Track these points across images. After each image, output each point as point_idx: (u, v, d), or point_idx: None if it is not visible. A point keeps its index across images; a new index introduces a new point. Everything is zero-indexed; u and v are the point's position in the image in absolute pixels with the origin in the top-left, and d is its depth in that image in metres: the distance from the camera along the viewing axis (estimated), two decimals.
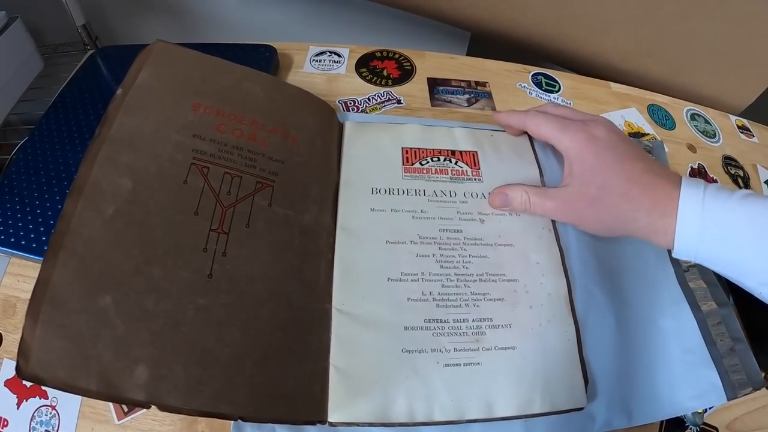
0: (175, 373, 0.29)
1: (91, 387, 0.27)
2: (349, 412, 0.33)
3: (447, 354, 0.36)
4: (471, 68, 0.61)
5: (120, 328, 0.29)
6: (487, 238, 0.41)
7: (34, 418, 0.38)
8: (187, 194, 0.34)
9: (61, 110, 0.53)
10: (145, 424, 0.37)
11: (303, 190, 0.38)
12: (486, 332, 0.37)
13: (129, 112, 0.34)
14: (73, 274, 0.29)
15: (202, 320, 0.31)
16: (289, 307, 0.34)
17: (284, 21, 0.91)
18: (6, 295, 0.44)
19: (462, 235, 0.41)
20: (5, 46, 0.59)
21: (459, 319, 0.37)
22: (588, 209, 0.38)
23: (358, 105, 0.53)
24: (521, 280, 0.39)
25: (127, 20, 0.90)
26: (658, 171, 0.37)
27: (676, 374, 0.39)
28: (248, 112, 0.38)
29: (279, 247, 0.35)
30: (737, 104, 0.68)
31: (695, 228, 0.34)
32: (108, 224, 0.31)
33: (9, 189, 0.47)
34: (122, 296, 0.30)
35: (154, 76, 0.36)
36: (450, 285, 0.38)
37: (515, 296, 0.39)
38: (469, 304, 0.38)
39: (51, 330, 0.28)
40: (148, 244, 0.32)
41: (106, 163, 0.33)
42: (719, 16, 0.58)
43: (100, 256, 0.30)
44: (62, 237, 0.30)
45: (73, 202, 0.31)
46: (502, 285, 0.39)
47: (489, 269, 0.39)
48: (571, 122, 0.40)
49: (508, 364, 0.36)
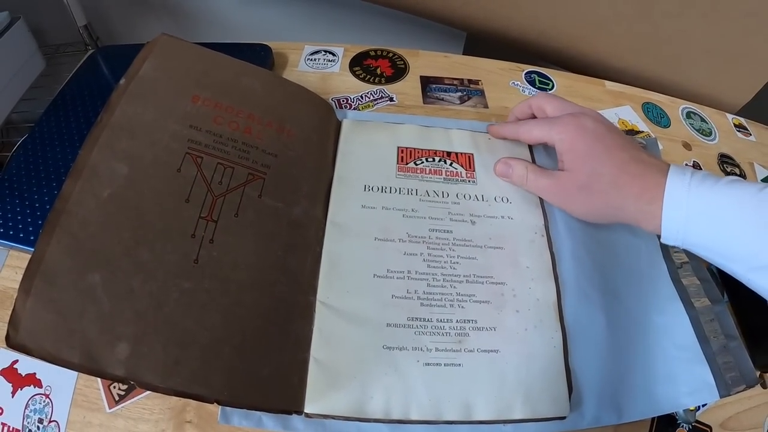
0: (154, 351, 0.30)
1: (74, 360, 0.28)
2: (326, 404, 0.33)
3: (428, 353, 0.36)
4: (465, 67, 0.61)
5: (106, 305, 0.30)
6: (477, 240, 0.41)
7: (28, 406, 0.39)
8: (180, 182, 0.35)
9: (61, 108, 0.55)
10: (135, 413, 0.38)
11: (294, 184, 0.39)
12: (469, 334, 0.37)
13: (130, 101, 0.36)
14: (65, 252, 0.30)
15: (185, 303, 0.32)
16: (272, 296, 0.35)
17: (281, 21, 0.92)
18: (4, 286, 0.46)
19: (452, 235, 0.41)
20: (8, 46, 0.61)
21: (443, 319, 0.37)
22: (578, 195, 0.39)
23: (351, 102, 0.53)
24: (509, 283, 0.39)
25: (128, 21, 0.92)
26: (646, 160, 0.38)
27: (669, 371, 0.39)
28: (245, 105, 0.39)
29: (266, 238, 0.36)
30: (734, 103, 0.67)
31: (681, 213, 0.34)
32: (102, 206, 0.32)
33: (9, 184, 0.48)
34: (110, 275, 0.31)
35: (157, 68, 0.37)
36: (436, 285, 0.38)
37: (502, 299, 0.38)
38: (454, 305, 0.38)
39: (41, 303, 0.29)
40: (139, 227, 0.33)
41: (105, 149, 0.34)
42: (714, 14, 0.58)
43: (93, 235, 0.31)
44: (58, 216, 0.31)
45: (71, 183, 0.32)
46: (489, 287, 0.39)
47: (477, 271, 0.39)
48: (560, 117, 0.42)
49: (490, 367, 0.36)
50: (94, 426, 0.38)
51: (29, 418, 0.39)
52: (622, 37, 0.65)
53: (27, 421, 0.39)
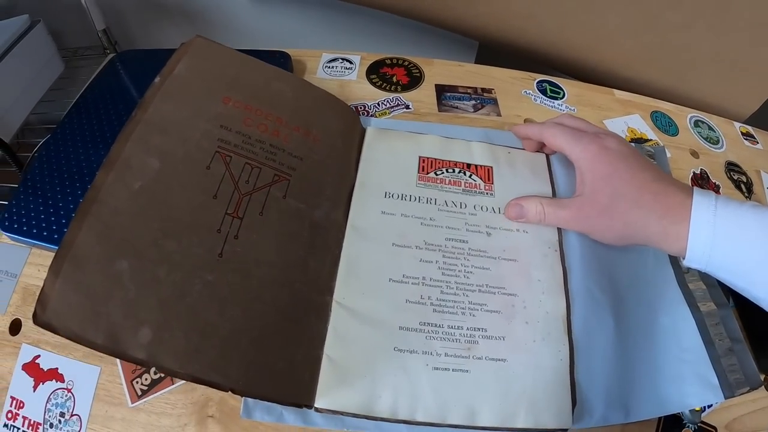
0: (175, 338, 0.31)
1: (98, 340, 0.29)
2: (335, 400, 0.34)
3: (437, 357, 0.36)
4: (478, 75, 0.62)
5: (131, 291, 0.31)
6: (492, 251, 0.42)
7: (49, 400, 0.40)
8: (209, 179, 0.36)
9: (83, 111, 0.56)
10: (157, 407, 0.39)
11: (318, 187, 0.40)
12: (479, 342, 0.38)
13: (164, 99, 0.37)
14: (96, 238, 0.32)
15: (207, 294, 0.33)
16: (291, 294, 0.36)
17: (299, 28, 0.93)
18: (26, 283, 0.47)
19: (467, 245, 0.42)
20: (28, 49, 0.62)
21: (454, 325, 0.38)
22: (599, 217, 0.39)
23: (368, 110, 0.55)
24: (520, 295, 0.40)
25: (146, 25, 0.94)
26: (668, 180, 0.38)
27: (675, 372, 0.40)
28: (274, 109, 0.40)
29: (288, 237, 0.37)
30: (742, 112, 0.67)
31: (707, 234, 0.34)
32: (133, 198, 0.34)
33: (32, 183, 0.50)
34: (138, 263, 0.32)
35: (191, 68, 0.39)
36: (449, 292, 0.39)
37: (512, 310, 0.39)
38: (466, 313, 0.39)
39: (69, 285, 0.30)
40: (167, 219, 0.34)
41: (138, 143, 0.36)
42: (722, 24, 0.59)
43: (123, 225, 0.33)
44: (90, 204, 0.33)
45: (104, 174, 0.34)
46: (500, 298, 0.40)
47: (489, 281, 0.40)
48: (585, 134, 0.41)
49: (497, 375, 0.36)
50: (117, 420, 0.39)
51: (50, 411, 0.40)
52: (631, 48, 0.66)
53: (48, 414, 0.40)
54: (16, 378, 0.42)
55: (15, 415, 0.40)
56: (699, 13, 0.58)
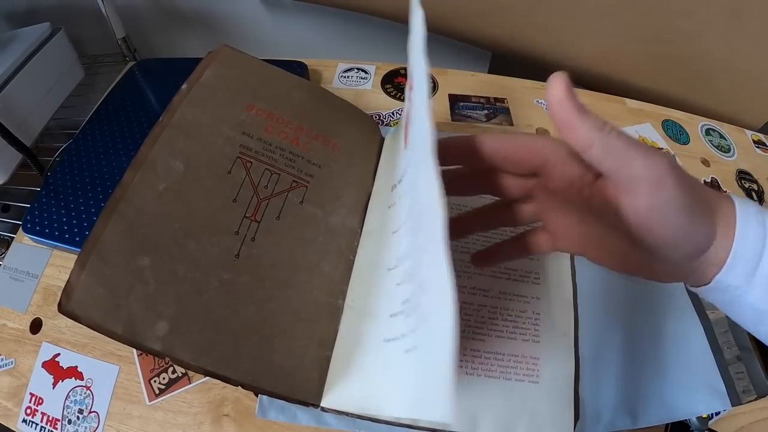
0: (191, 332, 0.32)
1: (117, 330, 0.30)
2: (341, 401, 0.34)
3: None
4: (490, 85, 0.63)
5: (152, 286, 0.32)
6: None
7: (68, 397, 0.42)
8: (230, 183, 0.38)
9: (104, 118, 0.58)
10: (174, 405, 0.40)
11: (335, 194, 0.41)
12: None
13: (190, 105, 0.39)
14: (120, 235, 0.33)
15: (223, 292, 0.34)
16: (303, 296, 0.37)
17: (315, 38, 0.94)
18: (47, 284, 0.48)
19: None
20: (49, 56, 0.65)
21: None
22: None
23: (383, 119, 0.56)
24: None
25: (165, 34, 0.95)
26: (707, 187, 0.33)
27: (682, 379, 0.40)
28: (296, 117, 0.42)
29: (303, 242, 0.38)
30: (754, 121, 0.67)
31: (759, 242, 0.26)
32: (157, 198, 0.35)
33: (53, 187, 0.52)
34: (158, 260, 0.33)
35: (217, 76, 0.41)
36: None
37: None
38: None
39: (93, 277, 0.31)
40: (188, 219, 0.35)
41: (165, 146, 0.37)
42: (734, 34, 0.59)
43: (146, 223, 0.34)
44: (117, 202, 0.34)
45: (131, 174, 0.35)
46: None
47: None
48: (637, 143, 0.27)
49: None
50: (134, 417, 0.40)
51: (69, 408, 0.41)
52: (643, 58, 0.66)
53: (67, 411, 0.41)
54: (36, 375, 0.43)
55: (34, 411, 0.41)
56: (710, 22, 0.59)
